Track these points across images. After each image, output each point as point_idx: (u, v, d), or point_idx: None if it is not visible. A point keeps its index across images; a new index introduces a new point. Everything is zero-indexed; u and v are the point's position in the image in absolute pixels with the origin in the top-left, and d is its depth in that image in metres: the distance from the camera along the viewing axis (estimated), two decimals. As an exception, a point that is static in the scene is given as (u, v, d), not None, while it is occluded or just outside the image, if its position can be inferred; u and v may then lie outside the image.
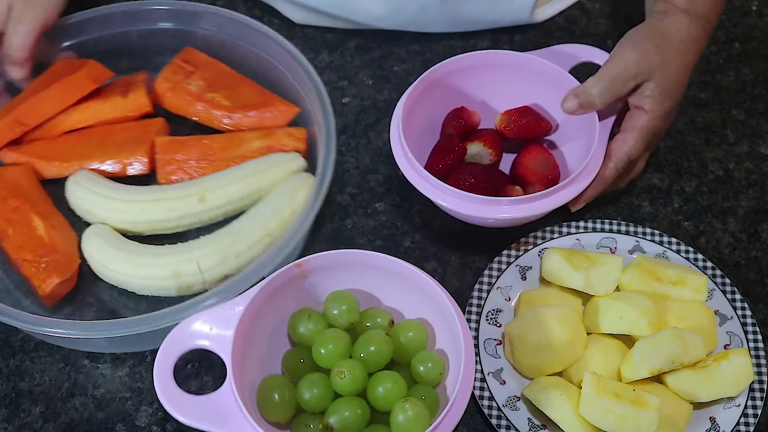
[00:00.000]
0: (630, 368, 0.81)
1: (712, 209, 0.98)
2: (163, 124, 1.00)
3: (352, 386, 0.75)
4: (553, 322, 0.83)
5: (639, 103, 0.89)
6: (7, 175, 0.95)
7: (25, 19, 0.95)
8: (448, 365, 0.80)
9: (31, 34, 0.95)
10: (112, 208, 0.92)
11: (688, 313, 0.85)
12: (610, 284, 0.86)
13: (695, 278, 0.87)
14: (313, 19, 1.11)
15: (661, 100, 0.88)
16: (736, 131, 1.04)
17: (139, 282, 0.88)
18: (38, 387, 0.87)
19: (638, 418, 0.77)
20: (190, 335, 0.75)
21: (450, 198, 0.86)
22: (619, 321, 0.84)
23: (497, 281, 0.90)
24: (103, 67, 1.00)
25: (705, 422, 0.82)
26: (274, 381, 0.78)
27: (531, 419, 0.82)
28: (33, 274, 0.88)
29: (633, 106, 0.89)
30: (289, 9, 1.11)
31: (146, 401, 0.86)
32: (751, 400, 0.82)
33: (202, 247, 0.88)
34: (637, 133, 0.88)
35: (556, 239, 0.93)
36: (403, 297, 0.83)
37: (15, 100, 0.99)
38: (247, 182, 0.92)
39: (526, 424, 0.82)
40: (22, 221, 0.91)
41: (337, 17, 1.09)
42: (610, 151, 0.89)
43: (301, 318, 0.80)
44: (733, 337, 0.87)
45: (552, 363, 0.83)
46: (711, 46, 1.11)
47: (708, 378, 0.81)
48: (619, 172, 0.90)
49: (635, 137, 0.88)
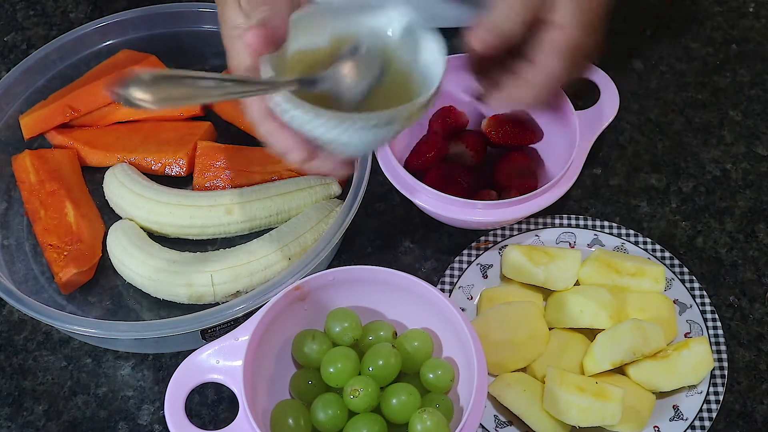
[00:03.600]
0: (592, 361, 0.82)
1: (709, 209, 0.99)
2: (209, 128, 1.00)
3: (366, 403, 0.75)
4: (515, 318, 0.84)
5: (549, 17, 0.77)
6: (51, 157, 0.97)
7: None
8: (458, 371, 0.79)
9: None
10: (141, 206, 0.92)
11: (648, 304, 0.86)
12: (569, 279, 0.88)
13: (653, 269, 0.88)
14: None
15: (573, 9, 0.76)
16: (733, 132, 1.05)
17: (151, 284, 0.88)
18: (41, 386, 0.87)
19: (602, 410, 0.78)
20: (199, 370, 0.75)
21: (423, 197, 0.88)
22: (579, 315, 0.85)
23: (459, 280, 0.90)
24: (161, 63, 1.01)
25: (669, 411, 0.83)
26: (287, 406, 0.77)
27: (497, 416, 0.83)
28: (54, 260, 0.90)
29: (542, 22, 0.78)
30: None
31: (148, 400, 0.86)
32: (713, 387, 0.84)
33: (218, 261, 0.87)
34: (555, 51, 0.77)
35: (516, 236, 0.94)
36: (404, 308, 0.82)
37: (71, 85, 1.00)
38: (275, 201, 0.91)
39: (492, 421, 0.82)
40: (55, 205, 0.93)
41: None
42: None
43: (305, 339, 0.79)
44: (693, 326, 0.88)
45: (515, 359, 0.84)
46: (708, 47, 1.13)
47: (669, 367, 0.82)
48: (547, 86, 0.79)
49: (554, 55, 0.77)
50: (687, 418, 0.82)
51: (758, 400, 0.85)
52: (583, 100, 0.96)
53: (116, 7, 1.14)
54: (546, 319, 0.86)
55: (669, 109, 1.07)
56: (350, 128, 0.66)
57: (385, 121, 0.67)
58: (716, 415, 0.82)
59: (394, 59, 0.74)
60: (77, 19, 1.16)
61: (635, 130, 1.05)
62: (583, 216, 0.95)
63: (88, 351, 0.89)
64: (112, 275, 0.92)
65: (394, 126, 0.68)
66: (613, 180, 1.01)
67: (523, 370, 0.85)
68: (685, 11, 1.16)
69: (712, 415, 0.82)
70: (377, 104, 0.70)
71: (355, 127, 0.66)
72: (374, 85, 0.71)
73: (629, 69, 1.10)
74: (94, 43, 1.03)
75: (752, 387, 0.86)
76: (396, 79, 0.74)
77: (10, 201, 0.97)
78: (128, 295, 0.91)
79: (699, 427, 0.81)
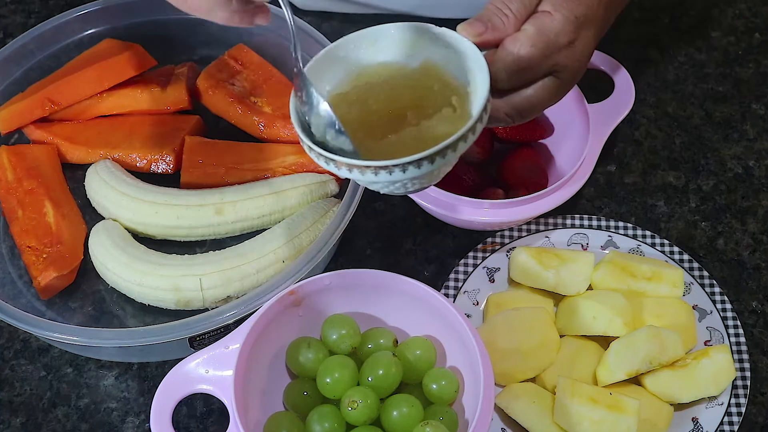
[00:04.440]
0: (606, 371, 0.81)
1: (730, 209, 0.97)
2: (197, 122, 0.99)
3: (365, 415, 0.73)
4: (523, 325, 0.83)
5: (541, 7, 0.75)
6: (29, 154, 0.96)
7: None
8: (463, 382, 0.78)
9: None
10: (125, 205, 0.91)
11: (665, 310, 0.85)
12: (581, 283, 0.86)
13: (671, 272, 0.87)
14: (317, 3, 1.09)
15: (566, 0, 0.75)
16: (756, 126, 1.03)
17: (136, 289, 0.87)
18: (18, 397, 0.86)
19: (616, 423, 0.77)
20: (186, 380, 0.74)
21: (426, 195, 0.88)
22: (592, 321, 0.83)
23: (464, 285, 0.89)
24: (147, 54, 1.00)
25: (687, 423, 0.81)
26: (281, 419, 0.76)
27: (505, 429, 0.81)
28: (32, 263, 0.89)
29: (535, 12, 0.75)
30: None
31: (132, 412, 0.84)
32: (735, 398, 0.82)
33: (206, 264, 0.86)
34: (533, 33, 0.73)
35: (525, 237, 0.92)
36: (405, 314, 0.81)
37: (51, 77, 0.98)
38: (268, 200, 0.90)
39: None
40: (33, 205, 0.92)
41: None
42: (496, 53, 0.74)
43: (299, 347, 0.78)
44: (714, 333, 0.86)
45: (524, 369, 0.83)
46: (729, 36, 1.11)
47: (688, 377, 0.81)
48: (506, 73, 0.75)
49: (528, 35, 0.73)
50: (707, 431, 0.80)
51: (783, 412, 0.84)
52: (597, 92, 0.95)
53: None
54: (557, 325, 0.85)
55: (688, 102, 1.05)
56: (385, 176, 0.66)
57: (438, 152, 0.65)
58: (738, 428, 0.81)
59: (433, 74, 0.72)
60: (57, 7, 1.15)
61: (652, 125, 1.03)
62: (596, 216, 0.94)
63: (68, 360, 0.88)
64: (95, 279, 0.91)
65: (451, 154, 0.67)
66: (628, 178, 0.99)
67: (533, 381, 0.84)
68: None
69: (734, 428, 0.80)
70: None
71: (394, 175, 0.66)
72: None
73: (645, 59, 1.09)
74: (75, 32, 1.01)
75: (777, 398, 0.84)
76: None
77: (-14, 200, 0.96)
78: (111, 300, 0.90)
79: (720, 442, 0.80)
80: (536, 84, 0.74)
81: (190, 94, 0.99)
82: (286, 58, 1.01)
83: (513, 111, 0.75)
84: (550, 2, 0.73)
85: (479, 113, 0.66)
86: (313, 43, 0.96)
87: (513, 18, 0.72)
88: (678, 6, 1.14)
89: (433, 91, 0.71)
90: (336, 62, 0.72)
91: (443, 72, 0.72)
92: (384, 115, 0.70)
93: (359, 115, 0.70)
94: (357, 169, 0.65)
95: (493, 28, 0.71)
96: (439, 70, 0.72)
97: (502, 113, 0.75)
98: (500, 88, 0.72)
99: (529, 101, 0.75)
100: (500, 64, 0.71)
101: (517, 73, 0.72)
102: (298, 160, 0.94)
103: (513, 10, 0.72)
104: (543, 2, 0.74)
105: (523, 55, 0.71)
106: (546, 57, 0.72)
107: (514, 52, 0.71)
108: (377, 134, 0.69)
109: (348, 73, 0.73)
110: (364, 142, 0.69)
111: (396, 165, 0.64)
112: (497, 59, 0.71)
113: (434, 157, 0.65)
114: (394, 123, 0.70)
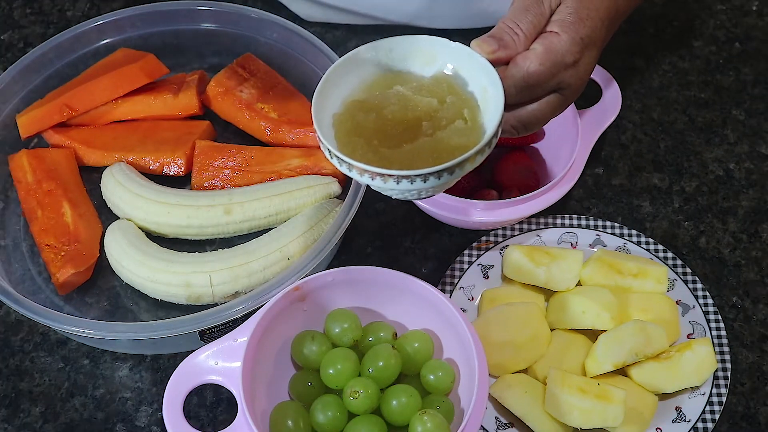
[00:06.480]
0: (594, 362, 0.82)
1: (712, 209, 0.98)
2: (207, 127, 1.00)
3: (366, 404, 0.74)
4: (516, 319, 0.84)
5: (549, 27, 0.77)
6: (48, 157, 0.96)
7: None
8: (459, 373, 0.79)
9: None
10: (138, 206, 0.92)
11: (650, 305, 0.86)
12: (571, 279, 0.87)
13: (655, 269, 0.88)
14: (320, 14, 1.10)
15: (573, 22, 0.76)
16: (736, 131, 1.05)
17: (149, 285, 0.88)
18: (38, 387, 0.87)
19: (604, 411, 0.78)
20: (197, 371, 0.75)
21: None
22: (581, 316, 0.84)
23: (460, 281, 0.90)
24: (159, 62, 1.00)
25: (671, 412, 0.83)
26: (286, 408, 0.77)
27: (498, 418, 0.82)
28: (51, 261, 0.90)
29: (543, 32, 0.77)
30: (295, 4, 1.09)
31: (146, 401, 0.86)
32: (716, 388, 0.83)
33: (216, 262, 0.87)
34: (542, 51, 0.75)
35: (517, 236, 0.93)
36: (404, 309, 0.82)
37: (69, 84, 1.00)
38: (274, 201, 0.91)
39: (494, 422, 0.82)
40: (52, 205, 0.93)
41: (342, 9, 1.07)
42: (507, 70, 0.76)
43: (304, 340, 0.79)
44: (696, 326, 0.87)
45: (516, 360, 0.83)
46: (711, 45, 1.13)
47: (672, 369, 0.82)
48: (516, 89, 0.77)
49: (537, 53, 0.75)
50: (690, 419, 0.82)
51: (761, 401, 0.85)
52: (585, 98, 0.96)
53: (114, 5, 1.15)
54: (547, 320, 0.86)
55: (671, 108, 1.06)
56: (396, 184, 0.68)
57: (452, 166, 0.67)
58: (719, 416, 0.82)
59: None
60: (74, 18, 1.16)
61: (638, 130, 1.04)
62: (584, 216, 0.95)
63: (85, 352, 0.89)
64: (110, 276, 0.92)
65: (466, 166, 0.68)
66: (615, 180, 1.00)
67: (525, 372, 0.84)
68: (688, 9, 1.15)
69: (715, 416, 0.82)
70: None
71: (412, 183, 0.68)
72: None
73: (632, 68, 1.10)
74: (92, 41, 1.02)
75: (755, 388, 0.86)
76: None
77: (7, 201, 0.97)
78: (126, 295, 0.91)
79: (702, 429, 0.81)
80: (542, 99, 0.76)
81: (200, 101, 0.99)
82: (291, 67, 1.03)
83: (519, 123, 0.77)
84: (557, 23, 0.75)
85: (495, 128, 0.67)
86: (318, 53, 0.98)
87: (523, 37, 0.74)
88: (662, 17, 1.15)
89: (446, 103, 0.71)
90: (354, 69, 0.73)
91: (455, 84, 0.73)
92: (399, 124, 0.71)
93: (375, 122, 0.71)
94: (380, 177, 0.66)
95: (504, 46, 0.73)
96: (450, 82, 0.73)
97: (509, 125, 0.77)
98: (508, 103, 0.72)
99: (534, 115, 0.77)
100: (510, 81, 0.73)
101: (525, 89, 0.74)
102: (303, 163, 0.94)
103: (523, 30, 0.74)
104: (551, 23, 0.76)
105: (532, 73, 0.73)
106: (553, 75, 0.74)
107: (524, 69, 0.73)
108: (393, 143, 0.70)
109: (365, 80, 0.74)
110: (380, 150, 0.69)
111: (418, 175, 0.66)
112: (508, 75, 0.73)
113: (454, 169, 0.66)
114: (409, 132, 0.71)
